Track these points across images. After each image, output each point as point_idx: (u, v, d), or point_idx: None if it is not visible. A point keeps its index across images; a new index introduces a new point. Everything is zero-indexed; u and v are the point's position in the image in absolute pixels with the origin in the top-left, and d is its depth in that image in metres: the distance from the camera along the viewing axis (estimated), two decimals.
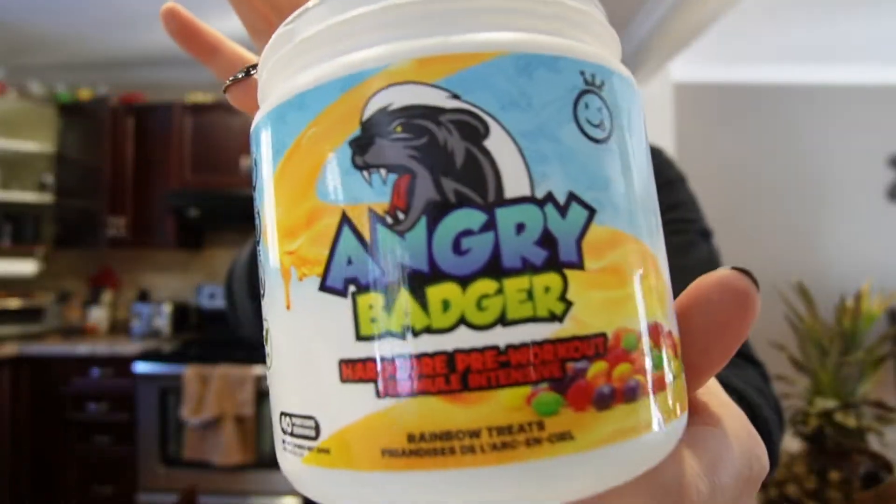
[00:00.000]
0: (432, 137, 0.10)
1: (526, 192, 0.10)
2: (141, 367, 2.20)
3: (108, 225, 2.56)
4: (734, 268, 0.15)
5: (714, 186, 2.78)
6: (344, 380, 0.10)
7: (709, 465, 0.13)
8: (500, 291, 0.10)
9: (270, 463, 2.16)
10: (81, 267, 2.86)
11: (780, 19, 2.22)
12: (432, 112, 0.10)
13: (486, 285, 0.10)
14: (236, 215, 2.57)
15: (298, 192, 0.11)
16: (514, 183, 0.10)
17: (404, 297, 0.10)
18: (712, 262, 0.50)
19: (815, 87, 2.80)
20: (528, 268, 0.10)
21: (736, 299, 0.14)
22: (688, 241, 0.49)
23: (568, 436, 0.10)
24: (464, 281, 0.10)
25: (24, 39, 2.51)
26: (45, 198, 2.66)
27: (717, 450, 0.14)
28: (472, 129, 0.10)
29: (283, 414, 0.12)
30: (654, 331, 0.11)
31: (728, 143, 2.80)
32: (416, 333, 0.10)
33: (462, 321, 0.10)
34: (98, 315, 2.70)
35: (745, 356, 0.44)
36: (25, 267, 2.60)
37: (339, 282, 0.11)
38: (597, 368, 0.10)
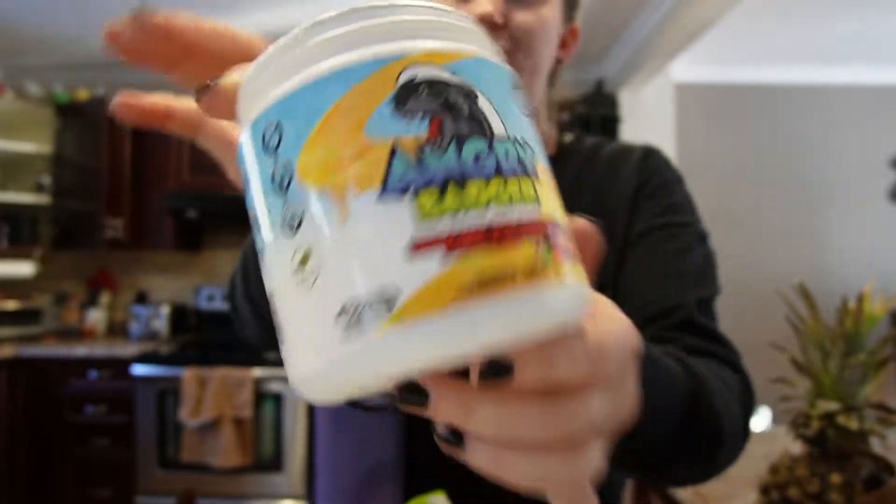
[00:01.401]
0: (448, 97, 0.16)
1: (504, 134, 0.17)
2: (139, 369, 2.19)
3: (106, 226, 2.55)
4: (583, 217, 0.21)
5: (715, 187, 2.78)
6: (413, 253, 0.15)
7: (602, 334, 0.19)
8: (506, 186, 0.16)
9: (269, 465, 2.15)
10: (79, 268, 2.85)
11: (782, 20, 2.22)
12: (445, 83, 0.16)
13: (498, 183, 0.16)
14: (235, 216, 2.55)
15: (346, 137, 0.15)
16: (498, 128, 0.17)
17: (452, 191, 0.15)
18: (707, 267, 0.49)
19: (816, 87, 2.80)
20: (517, 175, 0.16)
21: (584, 240, 0.20)
22: (685, 245, 0.49)
23: (558, 275, 0.16)
24: (486, 180, 0.16)
25: (22, 40, 2.50)
26: (43, 199, 2.65)
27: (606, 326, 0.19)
28: (469, 94, 0.16)
29: (342, 310, 0.15)
30: (562, 222, 0.18)
31: (729, 143, 2.80)
32: (464, 212, 0.15)
33: (489, 203, 0.15)
34: (96, 317, 2.69)
35: (713, 337, 0.44)
36: (23, 268, 2.59)
37: (396, 190, 0.15)
38: (560, 235, 0.17)
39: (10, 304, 2.51)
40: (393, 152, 0.15)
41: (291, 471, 2.14)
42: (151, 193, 2.56)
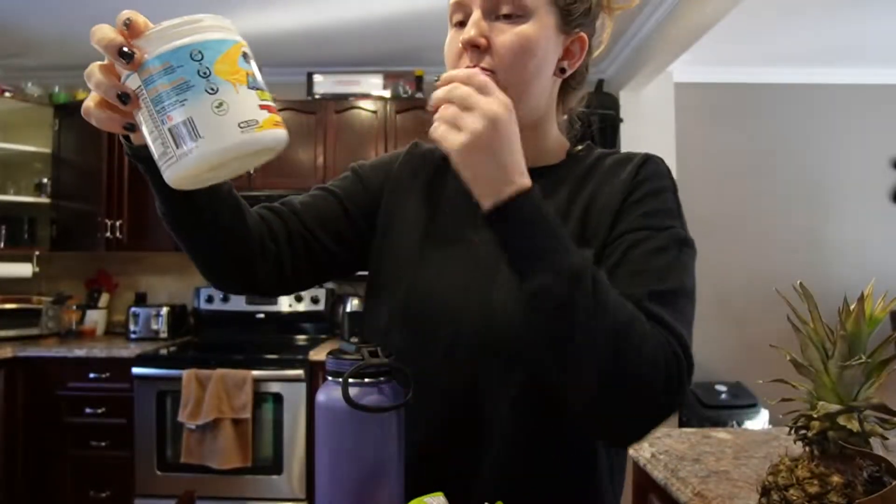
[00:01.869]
0: (250, 56, 0.43)
1: (254, 73, 0.42)
2: (138, 371, 2.19)
3: (105, 227, 2.55)
4: None
5: (715, 187, 2.78)
6: (261, 109, 0.42)
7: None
8: (267, 91, 0.43)
9: (269, 467, 2.14)
10: (78, 269, 2.84)
11: (783, 20, 2.22)
12: (248, 54, 0.43)
13: (266, 91, 0.43)
14: None
15: (232, 63, 0.40)
16: (257, 72, 0.43)
17: (262, 91, 0.42)
18: (675, 267, 0.52)
19: (817, 87, 2.79)
20: (264, 89, 0.43)
21: None
22: (657, 247, 0.51)
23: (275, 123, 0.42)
24: (265, 90, 0.43)
25: (21, 40, 2.50)
26: (42, 200, 2.64)
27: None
28: (247, 54, 0.43)
29: (240, 124, 0.40)
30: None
31: (729, 143, 2.80)
32: (269, 98, 0.43)
33: (270, 98, 0.43)
34: (95, 318, 2.69)
35: (659, 321, 0.47)
36: (22, 269, 2.58)
37: (250, 87, 0.41)
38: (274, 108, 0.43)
39: (9, 305, 2.51)
40: (246, 75, 0.41)
41: (291, 472, 2.14)
42: (150, 194, 2.53)
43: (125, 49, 0.37)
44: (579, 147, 0.60)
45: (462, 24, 0.53)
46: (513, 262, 0.45)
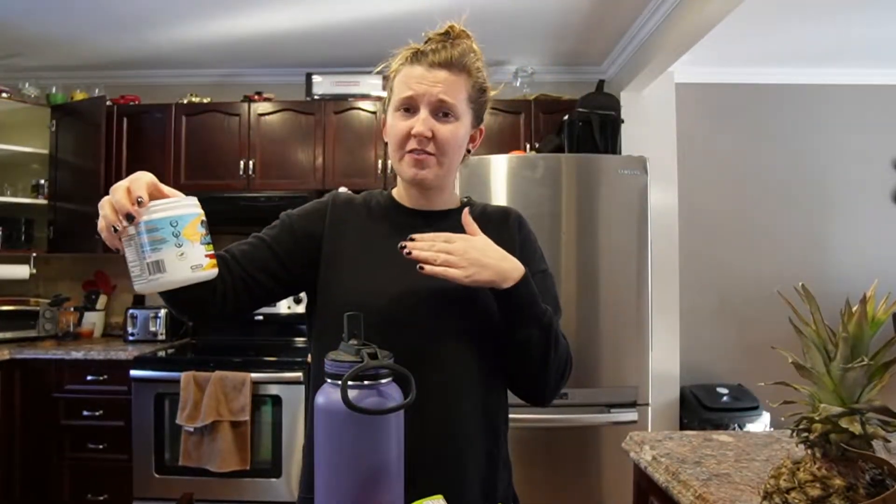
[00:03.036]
0: (206, 225, 0.67)
1: (200, 234, 0.65)
2: (136, 373, 2.18)
3: None
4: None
5: (716, 188, 2.77)
6: (206, 257, 0.65)
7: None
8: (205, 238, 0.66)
9: (267, 470, 2.14)
10: (75, 271, 2.83)
11: (784, 20, 2.22)
12: (205, 220, 0.67)
13: (209, 244, 0.67)
14: (233, 218, 2.55)
15: (194, 229, 0.63)
16: (199, 231, 0.65)
17: (210, 245, 0.66)
18: (557, 297, 0.82)
19: (819, 88, 2.78)
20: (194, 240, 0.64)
21: None
22: (545, 284, 0.80)
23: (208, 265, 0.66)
24: (209, 242, 0.66)
25: (18, 41, 2.49)
26: (39, 201, 2.63)
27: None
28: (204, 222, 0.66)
29: (192, 266, 0.63)
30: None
31: (730, 144, 2.79)
32: (212, 250, 0.67)
33: (197, 242, 0.64)
34: (92, 320, 2.68)
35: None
36: (19, 271, 2.57)
37: (200, 243, 0.65)
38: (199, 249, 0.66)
39: (6, 307, 2.50)
40: (201, 236, 0.63)
41: (290, 475, 2.13)
42: None
43: (130, 214, 0.59)
44: (465, 198, 0.89)
45: (407, 111, 0.76)
46: (508, 318, 0.72)
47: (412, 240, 0.69)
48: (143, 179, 0.61)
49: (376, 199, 0.85)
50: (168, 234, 0.60)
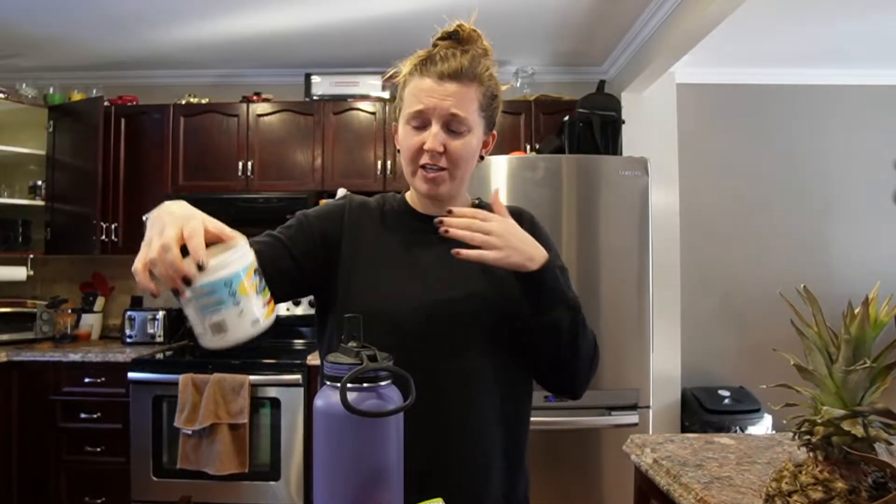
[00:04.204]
0: (261, 276, 0.63)
1: (255, 291, 0.60)
2: (134, 375, 2.17)
3: (100, 230, 2.53)
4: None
5: (718, 188, 2.77)
6: (265, 306, 0.62)
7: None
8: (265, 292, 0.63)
9: (266, 473, 2.13)
10: (73, 273, 2.82)
11: (786, 21, 2.22)
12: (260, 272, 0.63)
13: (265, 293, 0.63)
14: (232, 220, 2.52)
15: (248, 284, 0.59)
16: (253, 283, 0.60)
17: (266, 294, 0.63)
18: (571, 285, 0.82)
19: (821, 88, 2.77)
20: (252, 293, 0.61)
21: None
22: (565, 277, 0.76)
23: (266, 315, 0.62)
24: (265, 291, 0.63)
25: (16, 41, 2.49)
26: (36, 202, 2.62)
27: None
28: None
29: (252, 321, 0.59)
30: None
31: (732, 145, 2.78)
32: (271, 303, 0.64)
33: (254, 293, 0.60)
34: (90, 322, 2.67)
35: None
36: (16, 273, 2.56)
37: (256, 294, 0.60)
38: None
39: (3, 309, 2.49)
40: (255, 286, 0.59)
41: (288, 478, 2.12)
42: (146, 197, 2.54)
43: (188, 278, 0.55)
44: (476, 200, 0.90)
45: (418, 128, 0.75)
46: (536, 302, 0.71)
47: (449, 213, 0.68)
48: (199, 234, 0.55)
49: (390, 203, 0.85)
50: (225, 295, 0.56)
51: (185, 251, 0.55)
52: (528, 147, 2.52)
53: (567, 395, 0.80)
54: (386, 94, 2.61)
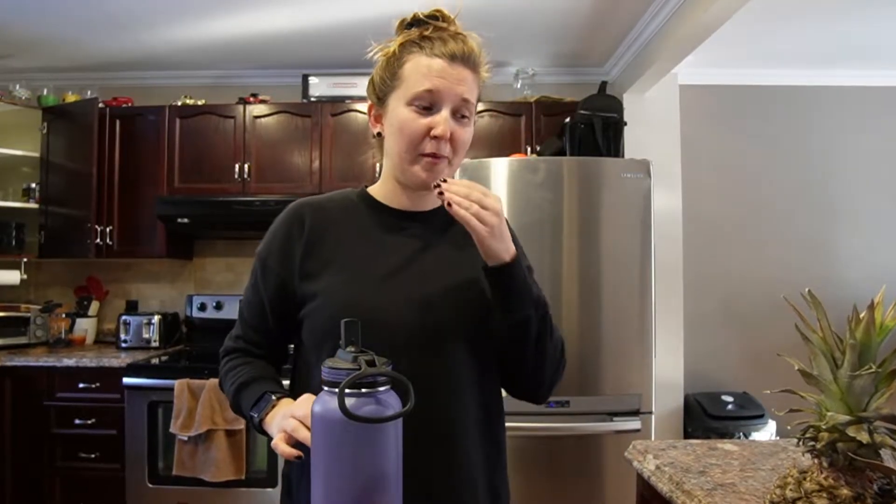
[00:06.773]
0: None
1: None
2: (129, 380, 2.14)
3: (95, 233, 2.51)
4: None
5: (721, 190, 2.75)
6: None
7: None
8: None
9: (263, 479, 2.11)
10: (67, 276, 2.80)
11: (787, 22, 2.21)
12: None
13: None
14: (228, 223, 2.52)
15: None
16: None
17: None
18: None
19: (824, 89, 2.76)
20: None
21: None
22: (532, 279, 0.76)
23: None
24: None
25: (9, 42, 2.47)
26: (30, 205, 2.60)
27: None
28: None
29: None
30: None
31: (736, 146, 2.76)
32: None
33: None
34: (84, 326, 2.64)
35: None
36: (9, 276, 2.54)
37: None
38: None
39: None
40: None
41: None
42: (142, 199, 2.52)
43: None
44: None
45: (426, 109, 0.70)
46: (503, 300, 0.70)
47: (445, 181, 0.67)
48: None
49: (351, 199, 0.79)
50: None
51: None
52: (529, 149, 2.52)
53: (530, 399, 0.77)
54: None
